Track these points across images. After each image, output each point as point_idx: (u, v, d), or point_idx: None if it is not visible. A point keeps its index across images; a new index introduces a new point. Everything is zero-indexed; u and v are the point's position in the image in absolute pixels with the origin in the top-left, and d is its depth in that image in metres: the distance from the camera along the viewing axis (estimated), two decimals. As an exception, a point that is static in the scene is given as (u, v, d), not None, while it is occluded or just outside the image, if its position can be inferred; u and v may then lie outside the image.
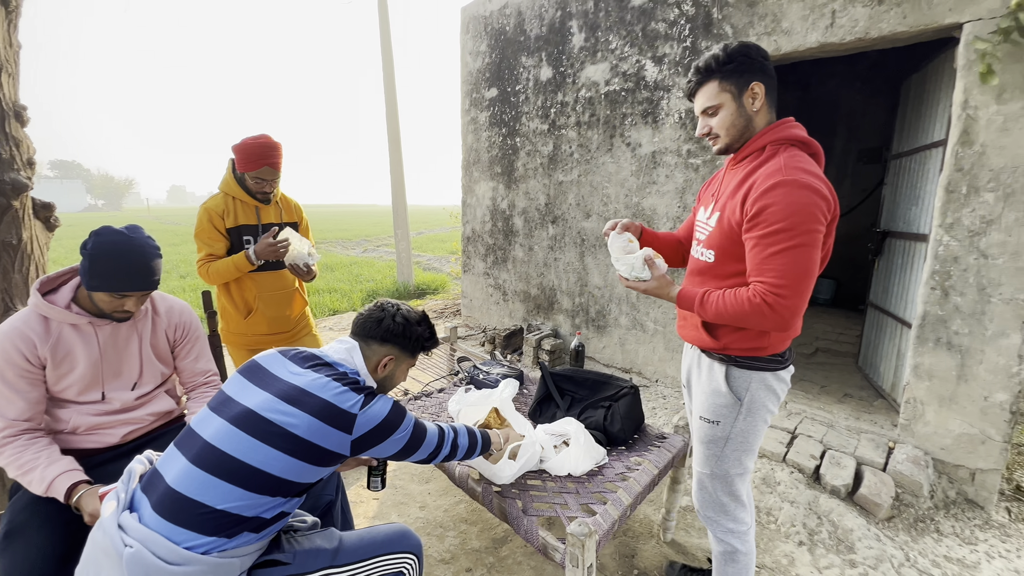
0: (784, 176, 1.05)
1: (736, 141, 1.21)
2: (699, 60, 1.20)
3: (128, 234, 1.31)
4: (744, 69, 1.15)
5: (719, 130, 1.21)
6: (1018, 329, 1.95)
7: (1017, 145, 1.88)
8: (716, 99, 1.18)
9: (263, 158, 1.91)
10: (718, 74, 1.17)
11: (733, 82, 1.16)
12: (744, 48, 1.16)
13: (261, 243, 1.91)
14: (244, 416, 1.04)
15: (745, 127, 1.19)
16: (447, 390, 2.39)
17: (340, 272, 8.72)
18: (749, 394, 1.25)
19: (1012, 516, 2.09)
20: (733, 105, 1.18)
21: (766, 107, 1.18)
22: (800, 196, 1.03)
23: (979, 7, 1.90)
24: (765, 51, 1.17)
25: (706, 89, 1.20)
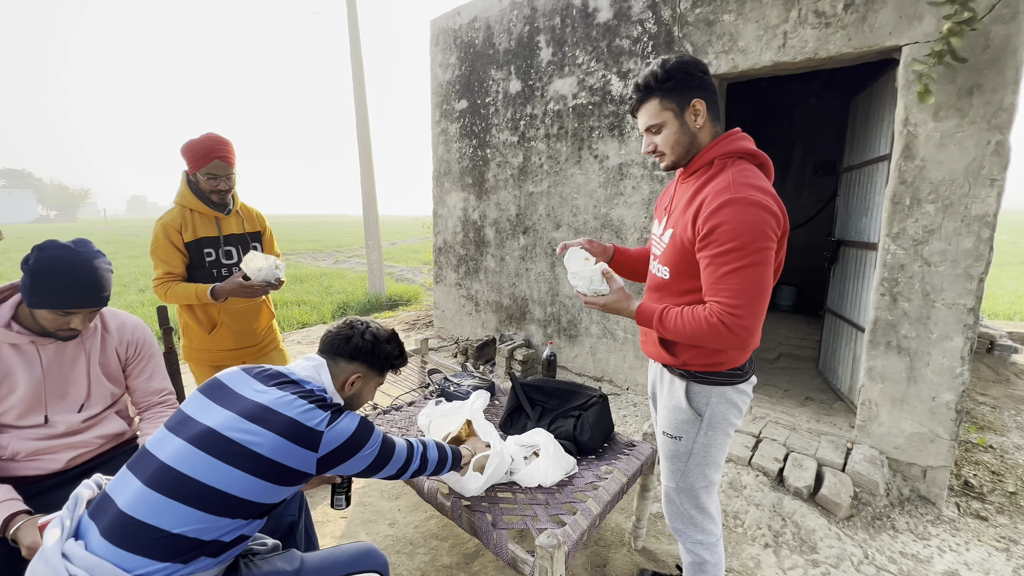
0: (733, 194, 1.04)
1: (682, 158, 1.21)
2: (639, 77, 1.18)
3: (74, 248, 1.25)
4: (684, 86, 1.14)
5: (664, 148, 1.21)
6: (960, 332, 2.07)
7: (953, 160, 2.01)
8: (658, 117, 1.18)
9: (212, 152, 1.86)
10: (658, 92, 1.16)
11: (673, 100, 1.15)
12: (682, 65, 1.14)
13: (231, 282, 1.84)
14: (204, 436, 1.01)
15: (690, 144, 1.19)
16: (417, 403, 2.36)
17: (310, 284, 8.53)
18: (709, 409, 1.26)
19: (961, 511, 2.19)
20: (676, 123, 1.17)
21: (709, 122, 1.18)
22: (749, 214, 1.03)
23: (915, 31, 2.03)
24: (704, 65, 1.17)
25: (647, 107, 1.19)
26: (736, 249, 1.03)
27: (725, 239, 1.04)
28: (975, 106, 1.94)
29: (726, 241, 1.03)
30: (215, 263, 1.97)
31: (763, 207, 1.04)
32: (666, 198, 1.34)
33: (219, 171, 1.88)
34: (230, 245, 2.01)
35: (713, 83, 1.18)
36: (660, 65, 1.15)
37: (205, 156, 1.85)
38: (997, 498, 2.27)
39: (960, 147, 1.99)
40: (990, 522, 2.11)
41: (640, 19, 2.90)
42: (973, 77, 1.93)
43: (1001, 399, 3.37)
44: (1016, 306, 6.61)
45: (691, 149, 1.19)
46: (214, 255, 1.96)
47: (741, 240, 1.02)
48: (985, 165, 1.95)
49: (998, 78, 1.89)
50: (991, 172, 1.94)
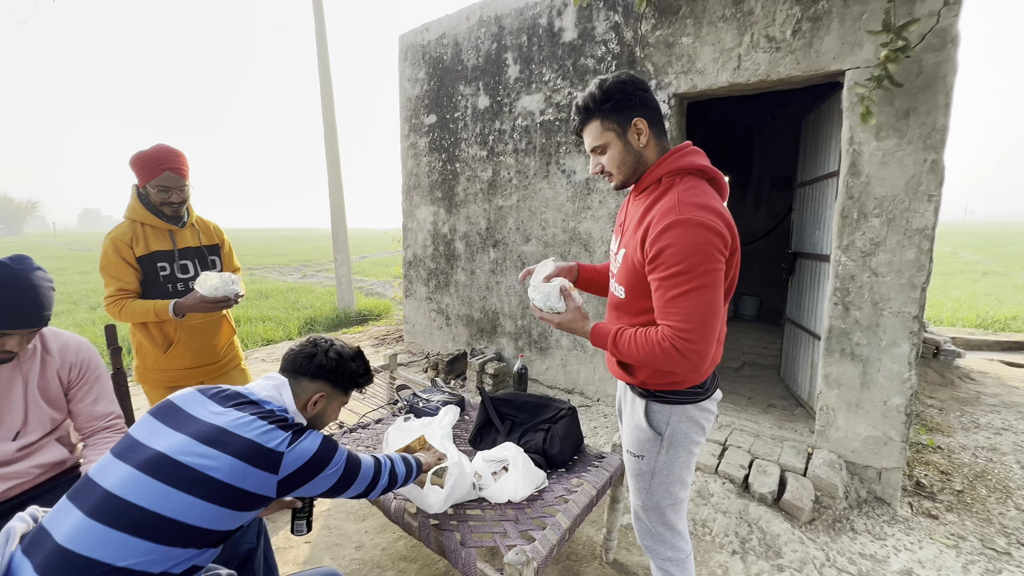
0: (678, 215, 1.02)
1: (630, 176, 1.20)
2: (578, 98, 1.17)
3: (11, 265, 1.18)
4: (623, 106, 1.12)
5: (611, 168, 1.19)
6: (906, 339, 2.18)
7: (894, 177, 2.14)
8: (601, 138, 1.16)
9: (162, 163, 1.78)
10: (598, 113, 1.14)
11: (614, 120, 1.14)
12: (620, 84, 1.12)
13: (192, 297, 1.77)
14: (155, 461, 0.95)
15: (636, 162, 1.18)
16: (386, 420, 2.31)
17: (275, 299, 8.28)
18: (670, 428, 1.24)
19: (913, 510, 2.29)
20: (619, 143, 1.16)
21: (653, 139, 1.17)
22: (695, 236, 1.01)
23: (857, 57, 2.17)
24: (644, 83, 1.15)
25: (590, 128, 1.17)
26: (683, 272, 1.01)
27: (672, 262, 1.02)
28: (912, 127, 2.08)
29: (673, 264, 1.02)
30: (170, 278, 1.89)
31: (709, 228, 1.02)
32: (622, 214, 1.33)
33: (170, 183, 1.81)
34: (186, 259, 1.93)
35: (655, 100, 1.17)
36: (598, 86, 1.14)
37: (155, 168, 1.78)
38: (946, 497, 2.39)
39: (900, 165, 2.12)
40: (940, 520, 2.21)
41: (604, 39, 2.99)
42: (909, 100, 2.07)
43: (947, 401, 3.56)
44: (958, 313, 7.04)
45: (638, 167, 1.19)
46: (168, 269, 1.88)
47: (688, 263, 1.01)
48: (923, 182, 2.08)
49: (931, 101, 2.03)
50: (928, 188, 2.08)
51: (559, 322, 1.24)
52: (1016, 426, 3.15)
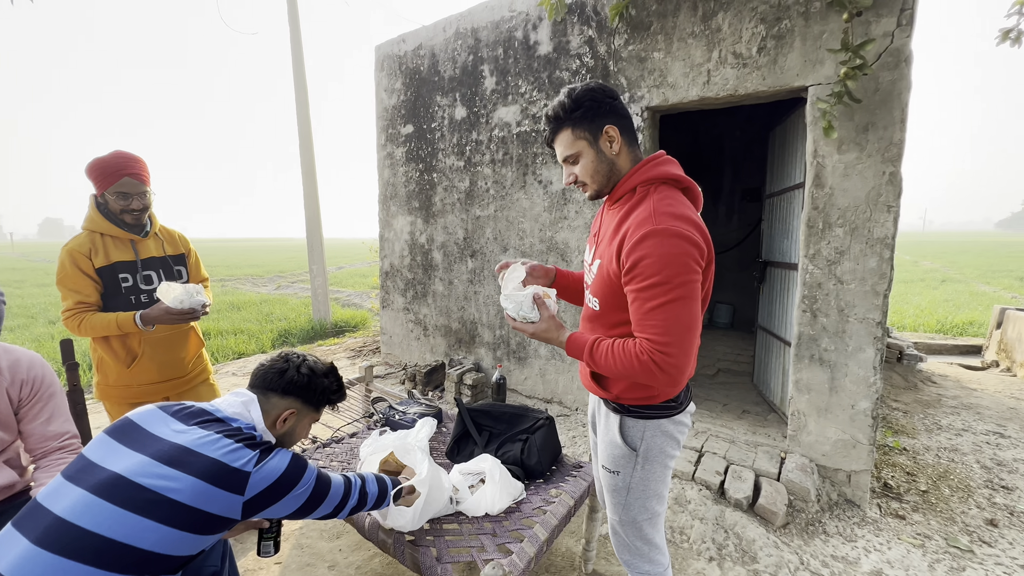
0: (655, 225, 1.01)
1: (604, 186, 1.19)
2: (548, 107, 1.17)
3: None
4: (594, 114, 1.12)
5: (584, 178, 1.18)
6: (871, 344, 2.26)
7: (856, 188, 2.23)
8: (573, 147, 1.15)
9: (120, 169, 1.72)
10: (568, 122, 1.13)
11: (585, 128, 1.13)
12: (589, 92, 1.12)
13: (158, 308, 1.72)
14: (110, 483, 0.90)
15: (609, 171, 1.17)
16: (360, 434, 2.26)
17: (248, 311, 8.06)
18: (644, 443, 1.22)
19: (882, 511, 2.35)
20: (591, 152, 1.14)
21: (625, 147, 1.16)
22: (672, 246, 0.99)
23: (818, 74, 2.26)
24: (613, 91, 1.15)
25: (561, 138, 1.16)
26: (661, 283, 1.00)
27: (649, 273, 1.00)
28: (871, 141, 2.17)
29: (650, 275, 1.00)
30: (132, 289, 1.82)
31: (686, 238, 1.00)
32: (596, 224, 1.32)
33: (130, 189, 1.75)
34: (149, 269, 1.86)
35: (625, 108, 1.17)
36: (567, 94, 1.13)
37: (113, 174, 1.71)
38: (912, 497, 2.46)
39: (861, 177, 2.21)
40: (907, 520, 2.28)
41: (578, 53, 3.05)
42: (868, 116, 2.17)
43: (911, 404, 3.69)
44: (920, 318, 7.33)
45: (612, 176, 1.17)
46: (131, 280, 1.81)
47: (665, 274, 0.99)
48: (882, 193, 2.17)
49: (888, 117, 2.13)
50: (887, 199, 2.17)
51: (533, 332, 1.20)
52: (975, 427, 3.29)
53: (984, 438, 3.12)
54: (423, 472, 1.42)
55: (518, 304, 1.20)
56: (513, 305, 1.21)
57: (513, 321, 1.24)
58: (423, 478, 1.41)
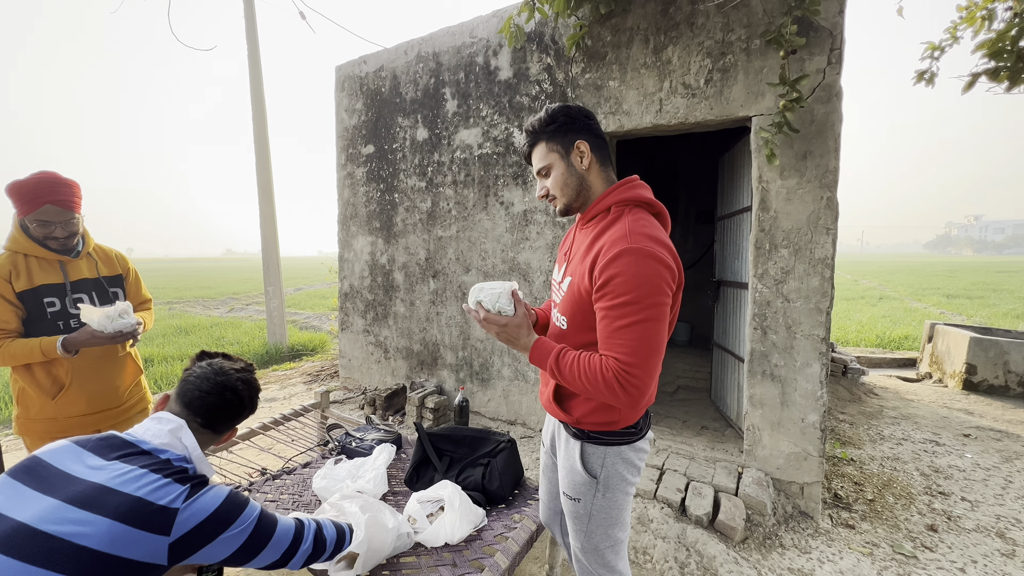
0: (630, 243, 1.02)
1: (574, 200, 1.22)
2: (528, 122, 1.23)
3: None
4: (567, 129, 1.18)
5: (554, 190, 1.22)
6: (817, 359, 2.37)
7: (798, 212, 2.37)
8: (546, 159, 1.20)
9: (42, 195, 1.58)
10: (543, 135, 1.19)
11: (558, 142, 1.19)
12: (565, 109, 1.19)
13: (84, 332, 1.60)
14: (14, 534, 0.80)
15: (579, 185, 1.20)
16: (314, 464, 2.15)
17: (197, 335, 7.64)
18: (605, 470, 1.21)
19: (834, 522, 2.43)
20: (562, 164, 1.19)
21: (596, 165, 1.20)
22: (646, 267, 1.01)
23: (760, 105, 2.42)
24: (589, 112, 1.22)
25: (537, 150, 1.22)
26: (632, 303, 1.00)
27: (621, 291, 1.01)
28: (809, 168, 2.32)
29: (622, 293, 1.01)
30: (60, 314, 1.69)
31: (660, 260, 1.02)
32: (567, 243, 1.33)
33: (53, 217, 1.62)
34: (81, 292, 1.73)
35: (600, 129, 1.23)
36: (545, 110, 1.20)
37: (33, 200, 1.58)
38: (860, 506, 2.56)
39: (802, 201, 2.35)
40: (856, 529, 2.37)
41: (537, 80, 3.13)
42: (805, 144, 2.32)
43: (856, 416, 3.88)
44: (861, 334, 7.79)
45: (581, 191, 1.20)
46: (59, 305, 1.68)
47: (636, 293, 1.00)
48: (821, 216, 2.32)
49: (823, 146, 2.29)
50: (826, 222, 2.31)
51: (504, 325, 1.16)
52: (913, 435, 3.48)
53: (922, 446, 3.31)
54: (360, 532, 1.31)
55: (495, 295, 1.17)
56: (490, 296, 1.18)
57: (481, 314, 1.19)
58: (360, 539, 1.30)
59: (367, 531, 1.32)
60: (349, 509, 1.43)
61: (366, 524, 1.33)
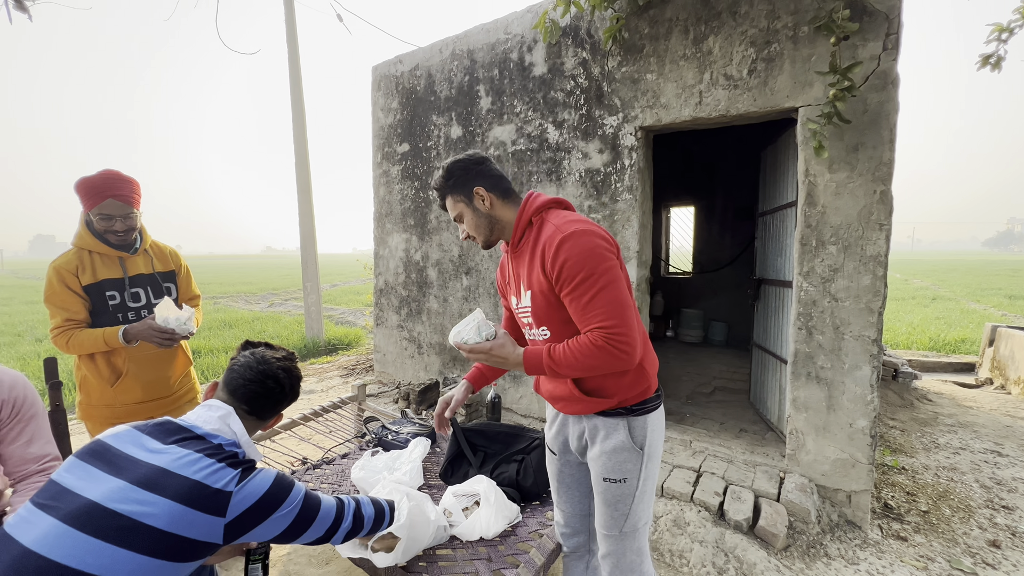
0: (563, 232, 1.15)
1: (490, 236, 1.34)
2: (433, 181, 1.35)
3: None
4: (464, 180, 1.29)
5: (471, 232, 1.34)
6: (867, 362, 2.25)
7: (848, 207, 2.25)
8: (456, 209, 1.33)
9: (105, 190, 1.69)
10: (447, 190, 1.32)
11: (460, 192, 1.30)
12: (456, 163, 1.30)
13: (143, 325, 1.70)
14: (84, 512, 0.86)
15: (489, 223, 1.32)
16: (352, 455, 2.21)
17: (240, 329, 7.98)
18: (648, 440, 1.27)
19: (884, 533, 2.31)
20: (470, 210, 1.31)
21: (498, 201, 1.31)
22: (585, 243, 1.13)
23: (808, 95, 2.31)
24: (480, 158, 1.32)
25: (447, 203, 1.35)
26: (588, 276, 1.12)
27: (575, 271, 1.13)
28: (861, 160, 2.21)
29: (576, 273, 1.13)
30: (120, 307, 1.79)
31: (593, 234, 1.15)
32: (504, 274, 1.45)
33: (114, 211, 1.73)
34: (137, 287, 1.84)
35: (493, 169, 1.32)
36: (442, 169, 1.32)
37: (97, 195, 1.69)
38: (913, 518, 2.42)
39: (852, 196, 2.24)
40: (909, 542, 2.24)
41: (572, 74, 3.10)
42: (857, 136, 2.21)
43: (908, 422, 3.68)
44: (913, 336, 7.38)
45: (493, 226, 1.32)
46: (119, 298, 1.78)
47: (588, 267, 1.12)
48: (874, 211, 2.20)
49: (877, 137, 2.17)
50: (879, 218, 2.19)
51: (488, 349, 1.23)
52: (972, 445, 3.27)
53: (982, 456, 3.10)
54: (402, 516, 1.35)
55: (476, 327, 1.26)
56: (471, 328, 1.26)
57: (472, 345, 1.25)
58: (402, 523, 1.33)
59: (409, 518, 1.34)
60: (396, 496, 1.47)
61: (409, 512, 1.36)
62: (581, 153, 3.10)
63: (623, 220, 2.96)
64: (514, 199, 1.34)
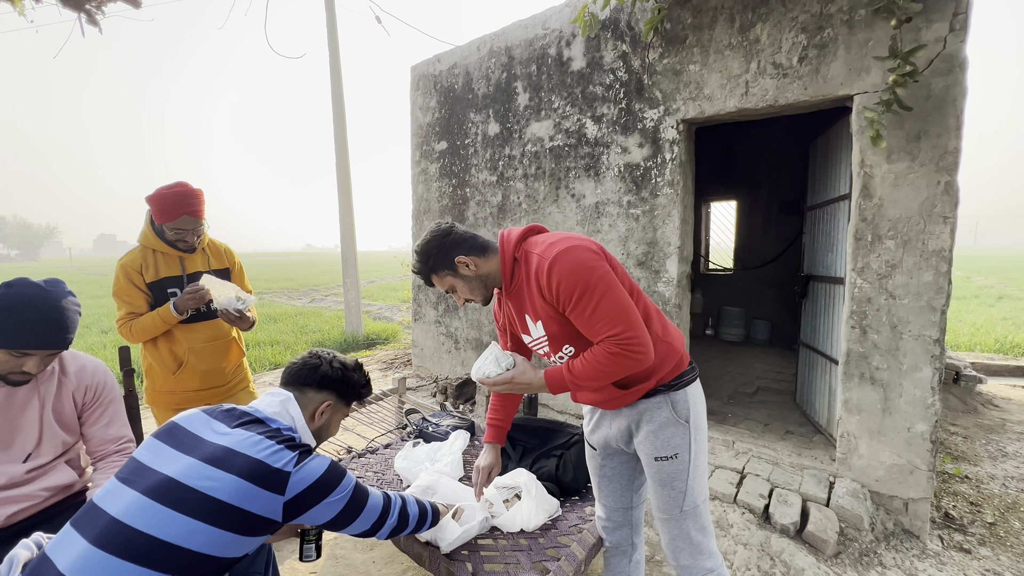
0: (549, 257, 1.17)
1: (487, 292, 1.34)
2: (413, 265, 1.35)
3: (45, 287, 1.20)
4: (441, 257, 1.28)
5: (467, 296, 1.34)
6: (928, 363, 2.13)
7: (908, 199, 2.13)
8: (445, 284, 1.33)
9: (180, 207, 1.79)
10: (429, 271, 1.31)
11: (443, 268, 1.30)
12: (427, 246, 1.29)
13: (185, 294, 1.81)
14: (162, 486, 0.94)
15: (481, 283, 1.31)
16: (394, 445, 2.28)
17: (284, 323, 8.31)
18: (692, 412, 1.30)
19: (944, 544, 2.18)
20: (459, 280, 1.31)
21: (480, 259, 1.29)
22: (570, 260, 1.14)
23: (864, 82, 2.19)
24: (446, 230, 1.30)
25: (435, 282, 1.34)
26: (583, 292, 1.14)
27: (570, 291, 1.14)
28: (923, 149, 2.08)
29: (572, 292, 1.14)
30: None
31: (574, 248, 1.16)
32: (502, 316, 1.45)
33: (186, 225, 1.83)
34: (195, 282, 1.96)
35: (462, 234, 1.30)
36: (416, 253, 1.31)
37: (173, 211, 1.79)
38: (978, 529, 2.28)
39: (913, 187, 2.11)
40: (974, 555, 2.11)
41: (612, 68, 3.06)
42: (919, 123, 2.08)
43: (971, 429, 3.45)
44: (976, 337, 6.89)
45: (486, 283, 1.32)
46: (179, 294, 1.90)
47: (582, 283, 1.13)
48: (937, 204, 2.07)
49: (942, 124, 2.04)
50: (943, 210, 2.06)
51: (513, 376, 1.27)
52: (1046, 455, 3.04)
53: (1057, 467, 2.88)
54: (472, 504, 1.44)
55: (494, 359, 1.29)
56: (490, 363, 1.29)
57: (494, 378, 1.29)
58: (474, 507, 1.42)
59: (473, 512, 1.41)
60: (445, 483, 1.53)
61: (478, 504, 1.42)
62: (620, 148, 3.06)
63: (663, 215, 2.90)
64: (491, 248, 1.33)
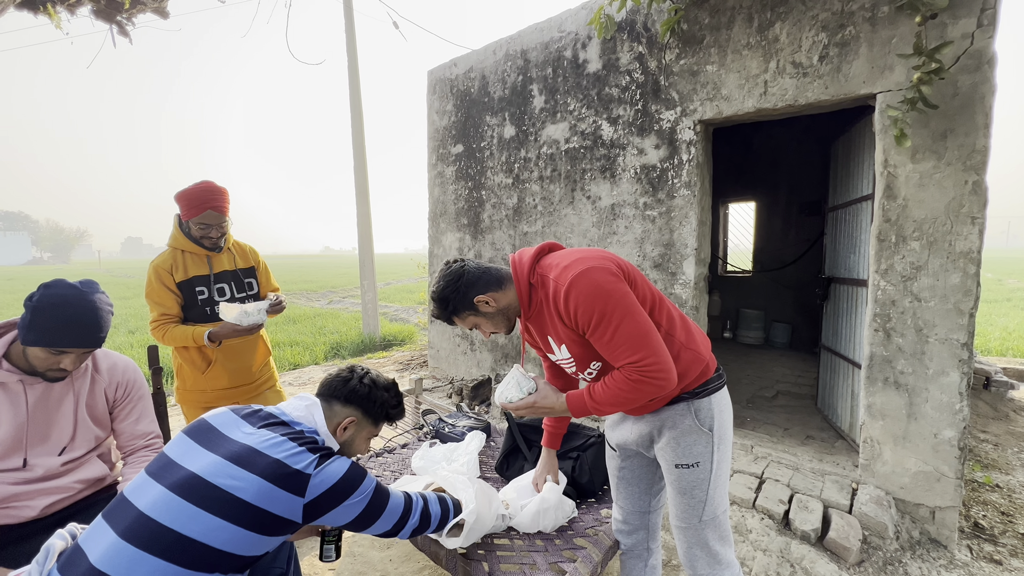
0: (564, 283, 1.14)
1: (511, 323, 1.33)
2: (433, 310, 1.32)
3: (80, 288, 1.25)
4: (461, 300, 1.26)
5: (492, 330, 1.33)
6: (956, 367, 2.07)
7: (933, 199, 2.08)
8: (468, 324, 1.32)
9: (205, 202, 1.88)
10: (452, 315, 1.30)
11: (465, 309, 1.28)
12: (443, 292, 1.26)
13: (226, 326, 1.86)
14: (187, 482, 0.97)
15: (504, 316, 1.30)
16: (411, 445, 2.30)
17: (303, 324, 8.45)
18: (716, 421, 1.26)
19: (974, 554, 2.12)
20: (482, 318, 1.30)
21: (499, 292, 1.27)
22: (584, 285, 1.12)
23: (888, 80, 2.15)
24: (459, 273, 1.27)
25: (459, 324, 1.33)
26: (603, 318, 1.11)
27: (588, 317, 1.13)
28: (950, 148, 2.03)
29: (590, 318, 1.12)
30: (208, 300, 1.97)
31: (590, 270, 1.13)
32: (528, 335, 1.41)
33: (211, 220, 1.91)
34: (222, 282, 2.01)
35: (475, 271, 1.27)
36: (435, 300, 1.29)
37: (198, 206, 1.87)
38: (1009, 540, 2.20)
39: (939, 187, 2.06)
40: (1004, 566, 2.04)
41: (628, 69, 3.05)
42: (945, 122, 2.03)
43: (1002, 436, 3.33)
44: (1008, 342, 6.66)
45: (508, 315, 1.31)
46: (207, 293, 1.96)
47: (599, 309, 1.11)
48: (965, 204, 2.02)
49: (969, 122, 1.99)
50: (971, 210, 2.01)
51: (535, 402, 1.28)
52: (1083, 464, 2.92)
53: (1095, 478, 2.76)
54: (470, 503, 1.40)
55: (516, 384, 1.29)
56: (512, 387, 1.29)
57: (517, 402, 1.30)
58: (471, 509, 1.38)
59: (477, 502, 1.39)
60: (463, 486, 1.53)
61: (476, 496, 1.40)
62: (636, 149, 3.05)
63: (680, 217, 2.88)
64: (507, 279, 1.30)
